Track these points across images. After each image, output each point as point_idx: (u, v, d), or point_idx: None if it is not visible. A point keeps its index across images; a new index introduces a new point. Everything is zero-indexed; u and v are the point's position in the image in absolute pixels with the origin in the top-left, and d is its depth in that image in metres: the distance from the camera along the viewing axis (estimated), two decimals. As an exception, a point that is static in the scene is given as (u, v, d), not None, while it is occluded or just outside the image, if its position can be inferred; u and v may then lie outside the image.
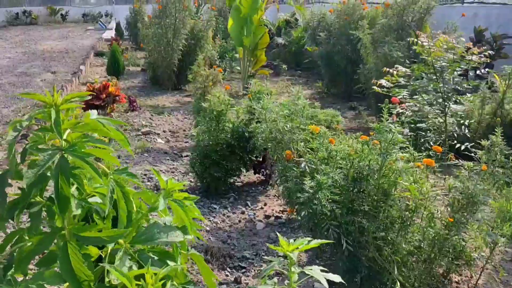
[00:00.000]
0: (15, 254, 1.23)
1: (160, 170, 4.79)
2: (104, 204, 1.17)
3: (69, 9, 27.01)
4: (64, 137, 1.13)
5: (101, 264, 1.14)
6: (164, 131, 6.34)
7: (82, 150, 1.12)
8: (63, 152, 1.12)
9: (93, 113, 1.19)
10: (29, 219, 1.18)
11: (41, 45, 14.74)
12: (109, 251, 1.24)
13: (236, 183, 4.56)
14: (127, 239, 1.17)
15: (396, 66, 4.81)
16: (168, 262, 1.15)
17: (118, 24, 17.35)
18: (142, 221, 1.25)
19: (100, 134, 1.20)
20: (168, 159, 5.21)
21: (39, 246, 1.13)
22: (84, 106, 5.46)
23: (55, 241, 1.20)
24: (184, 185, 1.38)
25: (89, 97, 5.48)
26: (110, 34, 16.67)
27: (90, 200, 1.21)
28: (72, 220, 1.17)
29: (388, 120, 2.46)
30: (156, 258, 1.15)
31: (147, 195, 1.35)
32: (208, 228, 3.69)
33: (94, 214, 1.26)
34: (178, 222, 1.37)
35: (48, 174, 1.11)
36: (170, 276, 1.14)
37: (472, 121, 4.84)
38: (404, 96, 4.55)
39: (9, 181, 1.23)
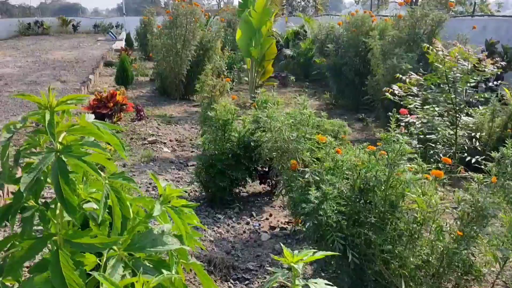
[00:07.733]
0: (7, 259, 1.19)
1: (166, 179, 4.75)
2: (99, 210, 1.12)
3: (81, 20, 27.52)
4: (60, 140, 1.09)
5: (93, 272, 1.09)
6: (170, 140, 6.32)
7: (78, 150, 1.08)
8: (59, 154, 1.08)
9: (89, 117, 1.16)
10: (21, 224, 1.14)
11: (51, 55, 14.93)
12: (104, 259, 1.20)
13: (242, 193, 4.51)
14: (122, 246, 1.13)
15: (409, 73, 4.72)
16: (164, 271, 1.10)
17: (128, 35, 17.62)
18: (139, 228, 1.20)
19: (95, 138, 1.16)
20: (173, 168, 5.18)
21: (30, 251, 1.09)
22: (91, 114, 5.46)
23: (49, 247, 1.16)
24: (186, 192, 1.34)
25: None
26: (120, 44, 16.91)
27: (85, 205, 1.17)
28: (65, 226, 1.13)
29: (395, 130, 2.41)
30: (151, 266, 1.10)
31: (145, 201, 1.31)
32: (212, 238, 3.63)
33: (90, 220, 1.21)
34: (178, 230, 1.33)
35: (42, 178, 1.07)
36: (165, 286, 1.08)
37: (483, 134, 4.76)
38: (416, 106, 4.46)
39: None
